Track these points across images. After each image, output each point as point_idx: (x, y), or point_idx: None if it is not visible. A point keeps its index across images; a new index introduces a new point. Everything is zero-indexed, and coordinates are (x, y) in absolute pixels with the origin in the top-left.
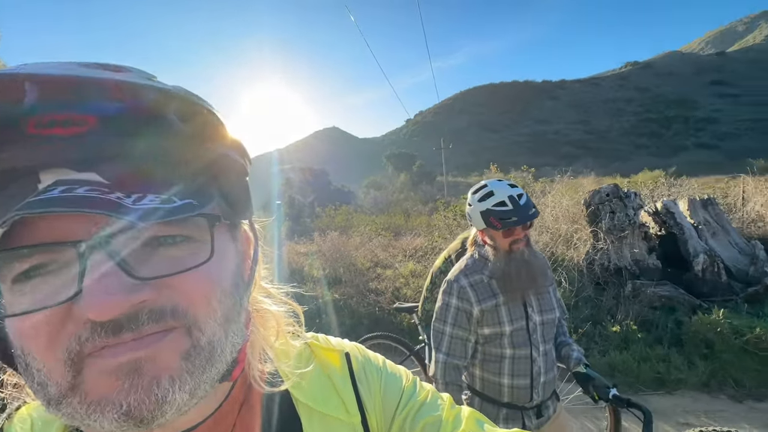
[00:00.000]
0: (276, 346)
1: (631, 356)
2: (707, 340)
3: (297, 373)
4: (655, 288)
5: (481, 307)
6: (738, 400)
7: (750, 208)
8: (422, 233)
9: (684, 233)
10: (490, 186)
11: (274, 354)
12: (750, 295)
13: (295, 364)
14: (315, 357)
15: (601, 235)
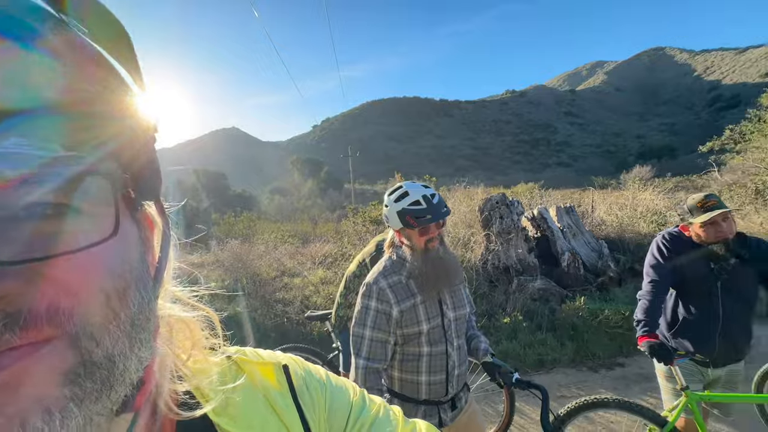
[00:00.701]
0: (191, 363)
1: (519, 343)
2: (573, 324)
3: (222, 395)
4: (535, 283)
5: (400, 307)
6: (595, 371)
7: (597, 214)
8: (331, 240)
9: (554, 235)
10: (405, 187)
11: (189, 372)
12: (600, 284)
13: (219, 383)
14: (244, 373)
15: (492, 237)
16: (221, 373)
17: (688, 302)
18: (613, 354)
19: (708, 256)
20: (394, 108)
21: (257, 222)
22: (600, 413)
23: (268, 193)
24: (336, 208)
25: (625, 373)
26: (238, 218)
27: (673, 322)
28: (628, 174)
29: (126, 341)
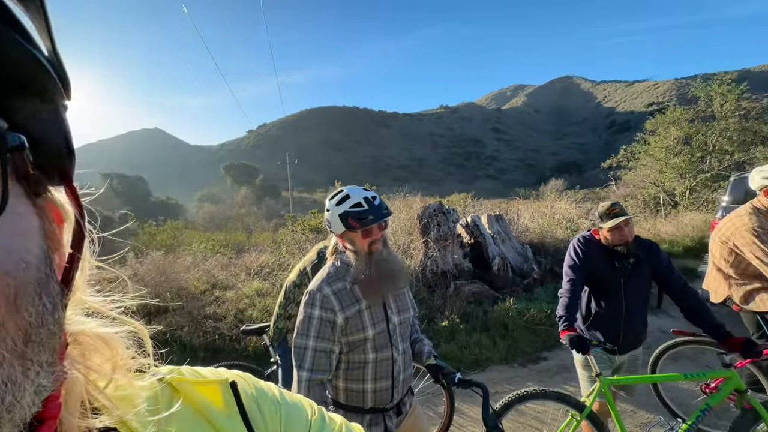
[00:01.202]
0: (112, 390)
1: (456, 345)
2: (504, 323)
3: (154, 427)
4: (469, 286)
5: (345, 314)
6: (524, 366)
7: (522, 222)
8: (268, 249)
9: (486, 241)
10: (346, 190)
11: (110, 402)
12: (526, 285)
13: (149, 412)
14: (180, 396)
15: (431, 244)
16: (152, 400)
17: (599, 297)
18: (538, 349)
19: (613, 256)
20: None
21: (184, 231)
22: (529, 405)
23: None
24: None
25: (549, 365)
26: (160, 228)
27: (587, 316)
28: (546, 186)
29: (16, 365)
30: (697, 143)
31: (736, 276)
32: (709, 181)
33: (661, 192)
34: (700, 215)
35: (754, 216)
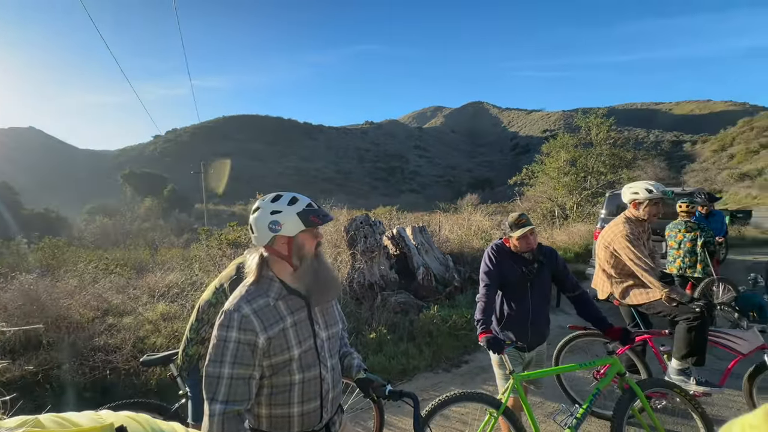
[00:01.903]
0: None
1: (384, 356)
2: (429, 331)
3: None
4: (396, 297)
5: (268, 334)
6: (448, 371)
7: (443, 233)
8: (177, 267)
9: (411, 252)
10: (292, 194)
11: None
12: (448, 293)
13: None
14: None
15: (358, 256)
16: None
17: (510, 300)
18: (460, 353)
19: (521, 262)
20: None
21: (67, 249)
22: (453, 408)
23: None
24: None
25: (470, 368)
26: (35, 245)
27: (501, 318)
28: (463, 200)
29: None
30: (580, 165)
31: (616, 275)
32: (590, 196)
33: (555, 206)
34: (585, 226)
35: (627, 225)
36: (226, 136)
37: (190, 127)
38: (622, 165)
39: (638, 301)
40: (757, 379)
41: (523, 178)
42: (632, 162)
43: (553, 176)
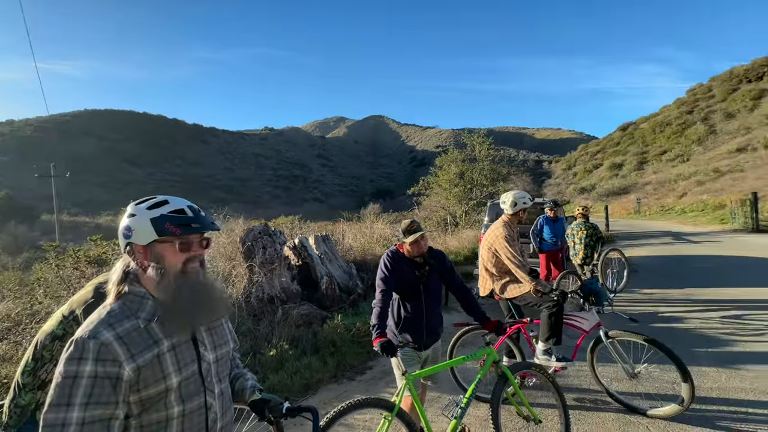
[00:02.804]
0: None
1: (286, 373)
2: (333, 341)
3: None
4: (299, 309)
5: (137, 363)
6: (352, 379)
7: (346, 242)
8: (10, 295)
9: (314, 261)
10: (165, 197)
11: None
12: (352, 301)
13: None
14: None
15: (255, 269)
16: None
17: (406, 303)
18: (364, 360)
19: (414, 266)
20: (130, 123)
21: None
22: (356, 416)
23: None
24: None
25: (374, 374)
26: None
27: (398, 321)
28: (366, 209)
29: None
30: (467, 178)
31: (496, 273)
32: (476, 205)
33: (447, 214)
34: (472, 231)
35: (504, 228)
36: (87, 133)
37: (35, 119)
38: (499, 178)
39: (513, 294)
40: (596, 351)
41: (420, 189)
42: (507, 176)
43: (446, 187)
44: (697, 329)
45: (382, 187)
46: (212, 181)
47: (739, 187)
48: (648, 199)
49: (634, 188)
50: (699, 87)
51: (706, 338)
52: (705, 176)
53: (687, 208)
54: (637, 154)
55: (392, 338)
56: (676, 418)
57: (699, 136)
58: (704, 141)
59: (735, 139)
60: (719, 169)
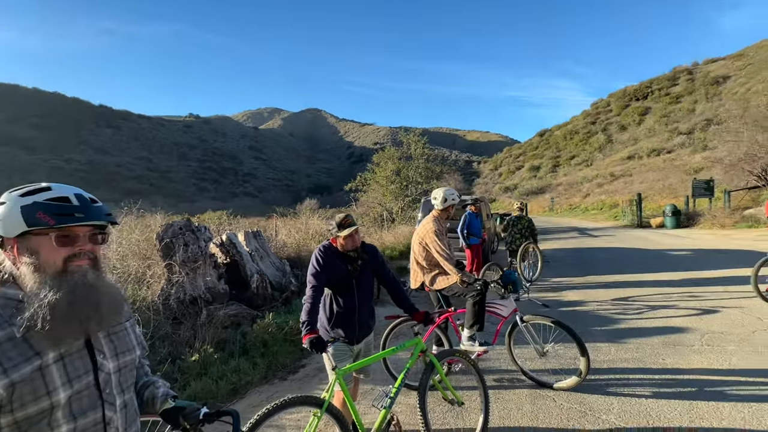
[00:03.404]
0: None
1: (210, 378)
2: (264, 341)
3: None
4: (225, 309)
5: (11, 379)
6: (284, 379)
7: (280, 238)
8: None
9: (243, 259)
10: (48, 184)
11: None
12: (285, 299)
13: None
14: None
15: (176, 268)
16: None
17: (338, 298)
18: (297, 359)
19: (347, 260)
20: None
21: None
22: (285, 417)
23: None
24: None
25: (307, 372)
26: None
27: (330, 316)
28: (302, 205)
29: None
30: (403, 175)
31: (426, 266)
32: (411, 202)
33: (384, 210)
34: (407, 227)
35: (434, 222)
36: None
37: None
38: (433, 176)
39: (442, 286)
40: (513, 334)
41: (358, 185)
42: (441, 174)
43: (383, 184)
44: (594, 311)
45: (320, 182)
46: (124, 171)
47: (628, 189)
48: (560, 198)
49: (549, 188)
50: (600, 101)
51: (600, 318)
52: (603, 179)
53: (590, 207)
54: (552, 158)
55: (324, 334)
56: (576, 388)
57: (600, 144)
58: (604, 149)
59: (626, 148)
60: (614, 174)
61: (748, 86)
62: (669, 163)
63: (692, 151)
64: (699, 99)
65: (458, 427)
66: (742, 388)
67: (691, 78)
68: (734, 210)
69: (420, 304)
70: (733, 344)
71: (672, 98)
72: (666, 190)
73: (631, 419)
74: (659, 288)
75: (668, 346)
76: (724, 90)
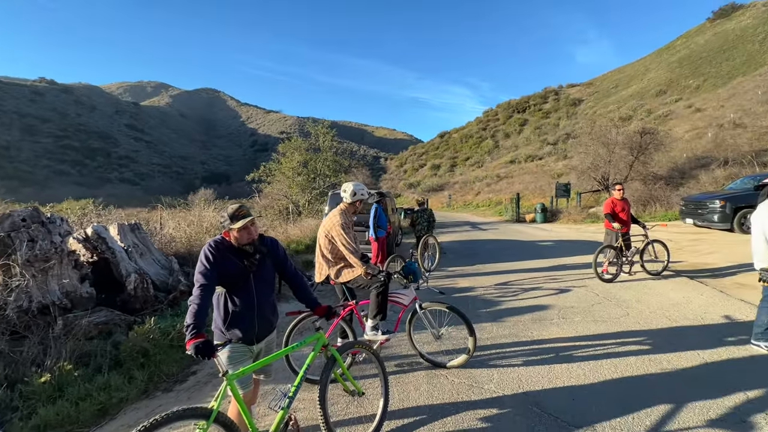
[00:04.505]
0: None
1: (68, 401)
2: (144, 350)
3: None
4: (91, 317)
5: None
6: (170, 390)
7: (166, 231)
8: None
9: (116, 257)
10: None
11: None
12: (171, 300)
13: None
14: None
15: (16, 269)
16: None
17: (234, 296)
18: (186, 366)
19: (242, 254)
20: None
21: None
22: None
23: None
24: None
25: (198, 378)
26: None
27: (226, 317)
28: (196, 195)
29: None
30: (311, 167)
31: (332, 259)
32: (318, 195)
33: (290, 203)
34: (315, 221)
35: (341, 216)
36: None
37: None
38: (341, 170)
39: (347, 278)
40: (412, 321)
41: (261, 175)
42: (349, 168)
43: (289, 175)
44: (481, 295)
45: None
46: None
47: (510, 189)
48: (456, 195)
49: (448, 186)
50: (490, 110)
51: (486, 301)
52: (491, 180)
53: (480, 204)
54: (450, 159)
55: (219, 336)
56: (465, 364)
57: (489, 148)
58: (492, 152)
59: (509, 153)
60: (499, 175)
61: (595, 109)
62: (540, 168)
63: (556, 159)
64: (562, 116)
65: (360, 415)
66: (584, 351)
67: (557, 98)
68: (583, 208)
69: (326, 298)
70: (579, 316)
71: (543, 113)
72: (538, 190)
73: (507, 386)
74: (530, 273)
75: (535, 322)
76: (579, 110)
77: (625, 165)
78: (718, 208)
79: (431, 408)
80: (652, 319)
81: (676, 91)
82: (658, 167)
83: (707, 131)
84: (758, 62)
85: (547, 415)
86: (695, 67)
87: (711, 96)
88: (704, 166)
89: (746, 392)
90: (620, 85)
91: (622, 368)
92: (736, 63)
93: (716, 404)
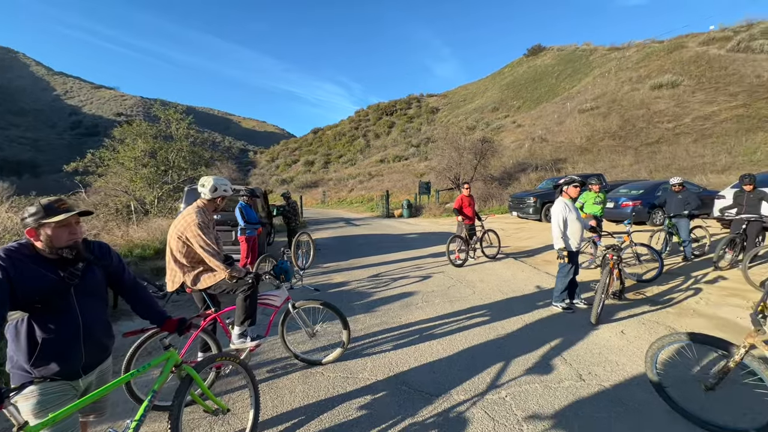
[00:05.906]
0: None
1: None
2: None
3: None
4: None
5: None
6: None
7: None
8: None
9: None
10: None
11: None
12: None
13: None
14: None
15: None
16: None
17: (45, 320)
18: None
19: (57, 264)
20: None
21: None
22: None
23: None
24: None
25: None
26: None
27: (31, 350)
28: None
29: None
30: (161, 158)
31: (188, 264)
32: (171, 191)
33: (132, 200)
34: (166, 221)
35: (197, 214)
36: None
37: None
38: (201, 163)
39: (207, 284)
40: (285, 322)
41: (88, 166)
42: (211, 161)
43: (130, 167)
44: (355, 288)
45: (19, 158)
46: None
47: (380, 187)
48: (331, 192)
49: (322, 182)
50: (362, 111)
51: (360, 294)
52: (363, 177)
53: (354, 200)
54: (324, 155)
55: (21, 377)
56: (340, 358)
57: (361, 147)
58: (364, 151)
59: (379, 153)
60: (371, 173)
61: (449, 118)
62: (406, 167)
63: (419, 160)
64: (423, 122)
65: None
66: (443, 328)
67: (419, 105)
68: (441, 204)
69: (182, 309)
70: (438, 298)
71: (408, 118)
72: (404, 188)
73: (379, 372)
74: (399, 263)
75: (403, 308)
76: (437, 118)
77: (471, 167)
78: (532, 203)
79: (307, 408)
80: (491, 295)
81: (505, 109)
82: (494, 170)
83: (525, 143)
84: (555, 93)
85: (414, 391)
86: (517, 91)
87: (527, 115)
88: (524, 170)
89: (550, 342)
90: (467, 99)
91: (470, 338)
92: (542, 92)
93: (532, 355)
